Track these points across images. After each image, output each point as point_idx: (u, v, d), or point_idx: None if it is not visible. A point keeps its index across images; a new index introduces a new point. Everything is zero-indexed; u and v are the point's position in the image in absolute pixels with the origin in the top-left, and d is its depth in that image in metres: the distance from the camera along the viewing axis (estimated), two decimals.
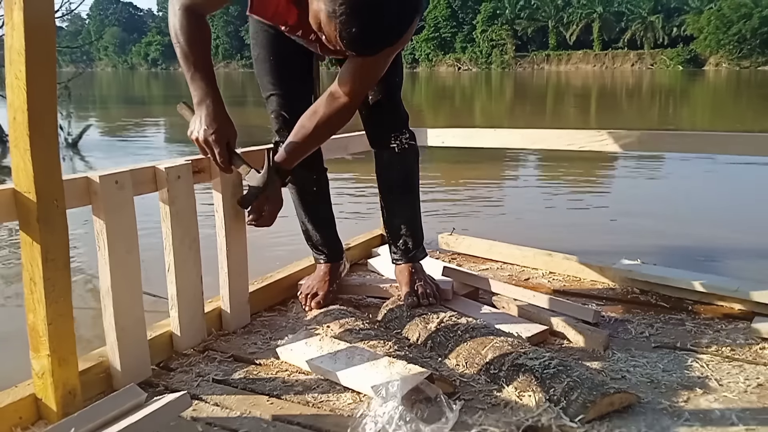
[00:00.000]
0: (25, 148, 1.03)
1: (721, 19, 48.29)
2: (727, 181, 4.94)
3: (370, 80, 1.40)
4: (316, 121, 1.39)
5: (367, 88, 1.42)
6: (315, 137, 1.42)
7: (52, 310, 1.07)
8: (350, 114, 1.41)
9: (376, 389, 1.10)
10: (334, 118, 1.39)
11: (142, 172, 1.30)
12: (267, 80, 1.55)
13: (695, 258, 2.79)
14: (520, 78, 37.45)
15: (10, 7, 1.00)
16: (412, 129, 1.64)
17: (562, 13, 59.06)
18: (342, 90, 1.36)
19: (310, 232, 1.71)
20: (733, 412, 1.12)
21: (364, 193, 4.29)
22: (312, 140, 1.43)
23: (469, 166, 5.56)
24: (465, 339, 1.35)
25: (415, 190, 1.68)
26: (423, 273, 1.66)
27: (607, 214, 3.95)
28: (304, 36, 1.38)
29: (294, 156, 1.42)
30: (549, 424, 1.07)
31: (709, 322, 1.54)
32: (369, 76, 1.38)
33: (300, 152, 1.43)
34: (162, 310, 1.43)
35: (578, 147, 2.02)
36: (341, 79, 1.36)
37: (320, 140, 1.47)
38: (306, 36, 1.37)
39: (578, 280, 1.88)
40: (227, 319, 1.52)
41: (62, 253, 1.08)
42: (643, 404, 1.14)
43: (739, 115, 12.06)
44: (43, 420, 1.12)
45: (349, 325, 1.45)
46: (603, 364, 1.32)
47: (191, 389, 1.22)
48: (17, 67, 1.00)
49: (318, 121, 1.39)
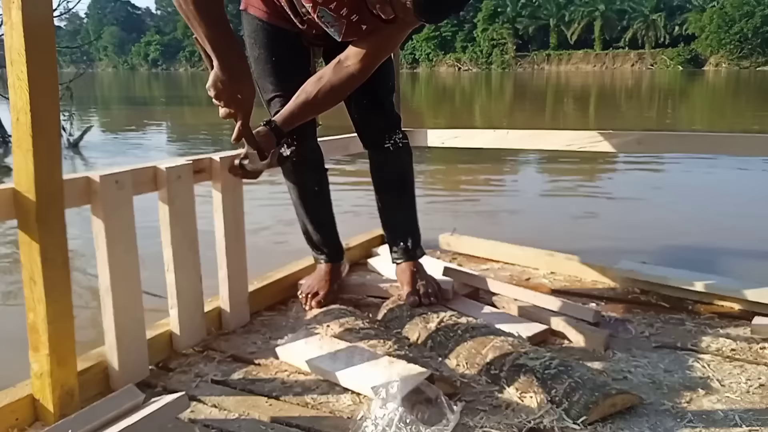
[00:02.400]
0: (27, 149, 1.02)
1: (723, 18, 48.30)
2: (728, 181, 4.94)
3: (383, 56, 1.39)
4: (320, 87, 1.37)
5: (379, 61, 1.39)
6: (317, 104, 1.39)
7: (52, 310, 1.07)
8: (356, 84, 1.39)
9: (376, 390, 1.09)
10: (341, 85, 1.37)
11: (143, 172, 1.29)
12: (269, 81, 1.52)
13: (696, 258, 2.79)
14: (520, 78, 37.47)
15: (8, 6, 0.99)
16: (413, 129, 1.64)
17: (563, 11, 59.01)
18: (353, 59, 1.34)
19: (310, 232, 1.70)
20: (736, 413, 1.11)
21: (364, 194, 4.29)
22: (313, 105, 1.39)
23: (470, 166, 5.56)
24: (465, 339, 1.35)
25: (411, 189, 1.68)
26: (424, 272, 1.65)
27: (608, 214, 3.94)
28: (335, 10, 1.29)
29: (292, 118, 1.39)
30: (551, 426, 1.07)
31: (710, 322, 1.53)
32: (385, 52, 1.38)
33: (299, 116, 1.40)
34: (163, 309, 1.42)
35: (578, 147, 2.02)
36: (354, 49, 1.34)
37: (321, 107, 1.43)
38: (338, 11, 1.29)
39: (579, 280, 1.88)
40: (227, 318, 1.52)
41: (61, 252, 1.08)
42: (645, 405, 1.14)
43: (739, 115, 12.05)
44: (40, 421, 1.11)
45: (349, 325, 1.45)
46: (604, 364, 1.31)
47: (190, 390, 1.22)
48: (19, 68, 1.00)
49: (322, 86, 1.36)
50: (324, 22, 1.33)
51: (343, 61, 1.36)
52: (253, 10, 1.51)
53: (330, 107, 1.44)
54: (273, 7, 1.46)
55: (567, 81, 31.11)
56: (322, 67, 1.62)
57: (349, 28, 1.31)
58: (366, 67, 1.36)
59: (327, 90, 1.37)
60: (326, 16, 1.32)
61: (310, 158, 1.60)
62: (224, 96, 1.19)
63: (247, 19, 1.53)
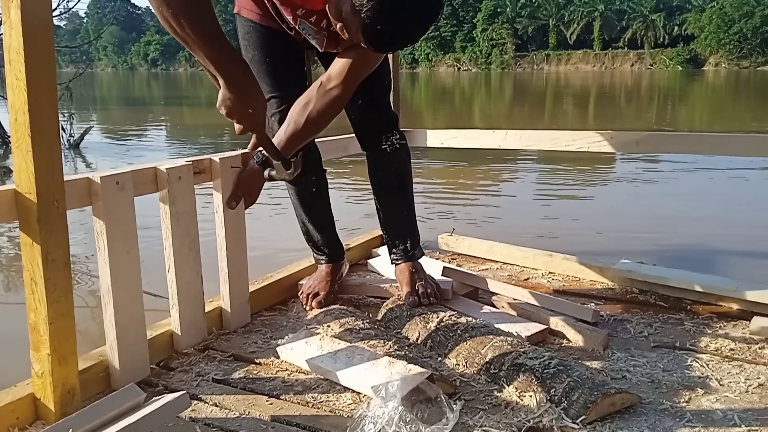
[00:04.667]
0: (27, 149, 1.03)
1: (723, 18, 48.29)
2: (727, 181, 4.94)
3: (366, 72, 1.38)
4: (308, 114, 1.36)
5: (361, 79, 1.39)
6: (307, 130, 1.39)
7: (53, 310, 1.07)
8: (343, 105, 1.40)
9: (376, 389, 1.10)
10: (327, 110, 1.37)
11: (143, 173, 1.30)
12: (264, 82, 1.52)
13: (694, 258, 2.79)
14: (519, 78, 37.46)
15: (7, 5, 1.00)
16: (412, 130, 1.64)
17: (563, 11, 58.99)
18: (335, 81, 1.34)
19: (310, 233, 1.70)
20: (735, 413, 1.12)
21: (363, 194, 4.29)
22: (304, 133, 1.39)
23: (469, 167, 5.56)
24: (465, 338, 1.35)
25: (409, 190, 1.68)
26: (423, 272, 1.66)
27: (607, 214, 3.95)
28: (316, 24, 1.31)
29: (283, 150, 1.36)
30: (550, 425, 1.07)
31: (708, 322, 1.54)
32: (367, 68, 1.37)
33: (290, 147, 1.38)
34: (165, 309, 1.43)
35: (577, 147, 2.02)
36: (336, 70, 1.34)
37: (312, 132, 1.43)
38: (318, 24, 1.31)
39: (578, 280, 1.88)
40: (228, 318, 1.52)
41: (62, 253, 1.08)
42: (644, 405, 1.14)
43: (737, 116, 12.05)
44: (41, 420, 1.12)
45: (350, 325, 1.45)
46: (603, 363, 1.32)
47: (191, 389, 1.22)
48: (17, 67, 1.00)
49: (310, 113, 1.36)
50: (306, 34, 1.34)
51: (326, 83, 1.35)
52: (246, 12, 1.51)
53: (320, 131, 1.45)
54: (265, 9, 1.46)
55: (566, 81, 31.10)
56: (318, 66, 1.61)
57: (331, 39, 1.32)
58: (349, 87, 1.36)
59: (314, 117, 1.37)
60: (307, 28, 1.34)
61: (309, 159, 1.61)
62: (235, 113, 1.17)
63: (240, 22, 1.53)
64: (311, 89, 1.38)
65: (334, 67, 1.35)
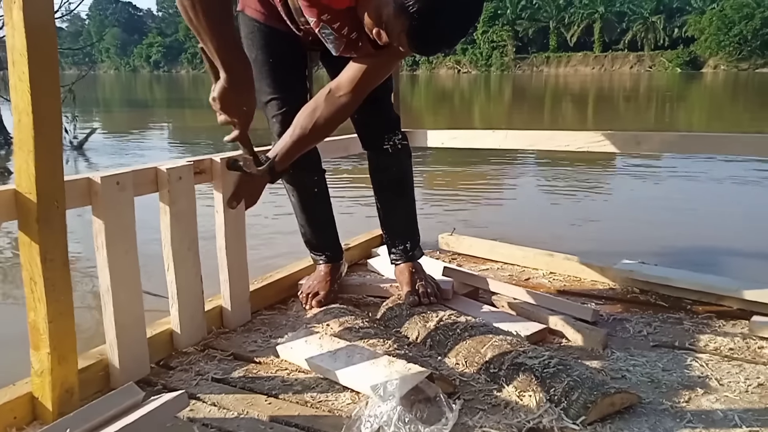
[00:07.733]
0: (29, 150, 1.03)
1: (723, 20, 48.29)
2: (727, 181, 4.94)
3: (377, 82, 1.37)
4: (315, 120, 1.35)
5: (371, 89, 1.39)
6: (313, 137, 1.38)
7: (53, 309, 1.07)
8: (350, 113, 1.39)
9: (375, 389, 1.10)
10: (335, 117, 1.35)
11: (144, 173, 1.30)
12: (266, 83, 1.51)
13: (694, 258, 2.79)
14: (519, 80, 37.47)
15: (9, 7, 1.00)
16: (413, 130, 1.64)
17: (563, 14, 59.03)
18: (345, 89, 1.33)
19: (310, 234, 1.70)
20: (735, 413, 1.11)
21: (364, 194, 4.29)
22: (310, 139, 1.38)
23: (469, 167, 5.56)
24: (464, 337, 1.35)
25: (410, 190, 1.68)
26: (423, 272, 1.66)
27: (606, 214, 3.95)
28: (338, 30, 1.27)
29: (289, 156, 1.36)
30: (550, 426, 1.07)
31: (708, 322, 1.53)
32: (379, 78, 1.36)
33: (296, 152, 1.37)
34: (165, 309, 1.43)
35: (576, 148, 2.02)
36: (347, 77, 1.33)
37: (318, 139, 1.43)
38: (339, 30, 1.28)
39: (578, 280, 1.88)
40: (228, 316, 1.52)
41: (61, 252, 1.08)
42: (644, 405, 1.14)
43: (736, 118, 12.05)
44: (38, 420, 1.11)
45: (349, 324, 1.45)
46: (602, 363, 1.32)
47: (190, 388, 1.22)
48: (20, 69, 1.00)
49: (317, 120, 1.34)
50: (324, 37, 1.32)
51: (335, 90, 1.34)
52: (250, 11, 1.50)
53: (325, 138, 1.44)
54: (270, 9, 1.45)
55: (566, 83, 31.11)
56: (319, 67, 1.60)
57: (348, 45, 1.31)
58: (359, 96, 1.35)
59: (321, 124, 1.35)
60: (328, 32, 1.32)
61: (308, 160, 1.60)
62: (228, 107, 1.18)
63: (244, 21, 1.52)
64: (319, 95, 1.37)
65: (345, 75, 1.33)
